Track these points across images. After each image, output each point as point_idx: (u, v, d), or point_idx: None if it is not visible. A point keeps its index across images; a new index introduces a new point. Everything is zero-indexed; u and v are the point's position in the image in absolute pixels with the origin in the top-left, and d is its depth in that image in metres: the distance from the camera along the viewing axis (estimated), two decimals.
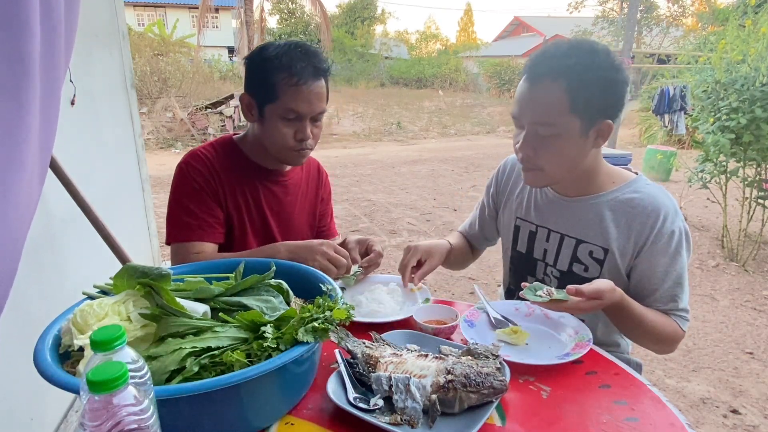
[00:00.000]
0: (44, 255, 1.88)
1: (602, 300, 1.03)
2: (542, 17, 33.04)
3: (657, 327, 1.14)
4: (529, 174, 1.19)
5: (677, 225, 1.15)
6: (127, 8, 11.18)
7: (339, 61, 22.92)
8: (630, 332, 1.20)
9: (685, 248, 1.16)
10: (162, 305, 0.83)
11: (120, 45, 2.86)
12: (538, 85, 1.09)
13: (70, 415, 1.99)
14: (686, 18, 21.44)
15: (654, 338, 1.16)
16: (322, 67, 1.27)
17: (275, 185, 1.44)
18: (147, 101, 11.29)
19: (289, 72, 1.22)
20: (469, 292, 3.55)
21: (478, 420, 0.80)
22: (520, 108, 1.13)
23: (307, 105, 1.25)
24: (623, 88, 1.10)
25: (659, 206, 1.15)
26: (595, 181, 1.22)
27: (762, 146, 3.73)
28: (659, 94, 8.44)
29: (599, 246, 1.20)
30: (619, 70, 1.08)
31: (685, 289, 1.18)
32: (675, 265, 1.15)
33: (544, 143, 1.11)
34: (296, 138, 1.28)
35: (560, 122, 1.07)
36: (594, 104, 1.07)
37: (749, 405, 2.33)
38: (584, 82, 1.05)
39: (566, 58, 1.06)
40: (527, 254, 1.35)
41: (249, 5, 15.59)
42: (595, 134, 1.11)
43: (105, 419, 0.52)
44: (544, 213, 1.30)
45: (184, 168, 1.33)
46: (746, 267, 3.97)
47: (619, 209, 1.18)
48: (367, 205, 5.89)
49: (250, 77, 1.30)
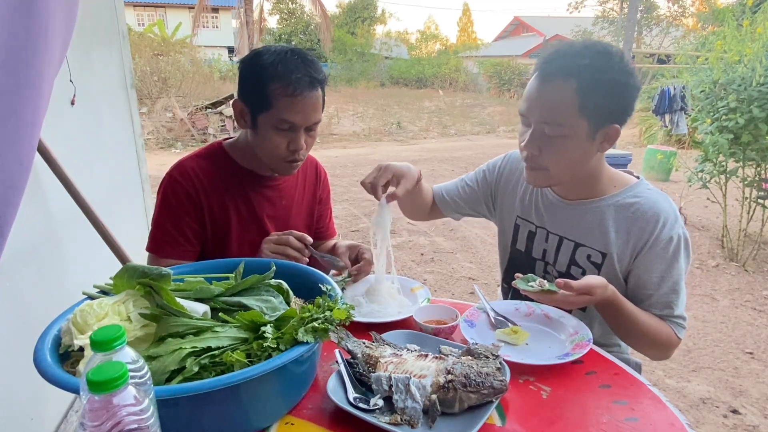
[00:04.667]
0: (44, 255, 1.88)
1: (593, 296, 1.03)
2: (542, 17, 33.05)
3: (651, 330, 1.13)
4: (532, 173, 1.18)
5: (676, 231, 1.14)
6: (127, 8, 11.19)
7: (339, 61, 22.91)
8: (624, 333, 1.19)
9: (683, 255, 1.15)
10: (162, 305, 0.83)
11: (120, 45, 2.86)
12: (548, 84, 1.07)
13: (70, 415, 1.99)
14: (686, 18, 21.45)
15: (648, 341, 1.15)
16: (318, 77, 1.23)
17: (269, 190, 1.42)
18: (147, 101, 11.30)
19: (284, 82, 1.19)
20: (469, 292, 3.56)
21: (478, 420, 0.80)
22: (528, 105, 1.11)
23: (302, 116, 1.23)
24: (634, 94, 1.08)
25: (659, 212, 1.14)
26: (597, 185, 1.21)
27: (761, 146, 3.73)
28: (659, 94, 8.44)
29: (597, 250, 1.20)
30: (631, 74, 1.07)
31: (682, 296, 1.17)
32: (671, 272, 1.14)
33: (550, 143, 1.10)
34: (289, 148, 1.26)
35: (568, 123, 1.06)
36: (604, 107, 1.06)
37: (749, 405, 2.34)
38: (596, 83, 1.03)
39: (579, 58, 1.04)
40: (526, 253, 1.35)
41: (249, 5, 15.60)
42: (602, 138, 1.10)
43: (105, 419, 0.52)
44: (544, 215, 1.29)
45: (167, 185, 1.32)
46: (746, 267, 3.97)
47: (619, 214, 1.17)
48: (367, 205, 5.88)
49: (243, 84, 1.27)
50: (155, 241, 1.33)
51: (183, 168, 1.33)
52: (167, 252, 1.32)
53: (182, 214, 1.31)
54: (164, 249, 1.32)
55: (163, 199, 1.32)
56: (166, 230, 1.31)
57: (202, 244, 1.37)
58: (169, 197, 1.31)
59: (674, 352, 1.20)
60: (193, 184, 1.31)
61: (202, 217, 1.33)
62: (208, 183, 1.33)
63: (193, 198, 1.31)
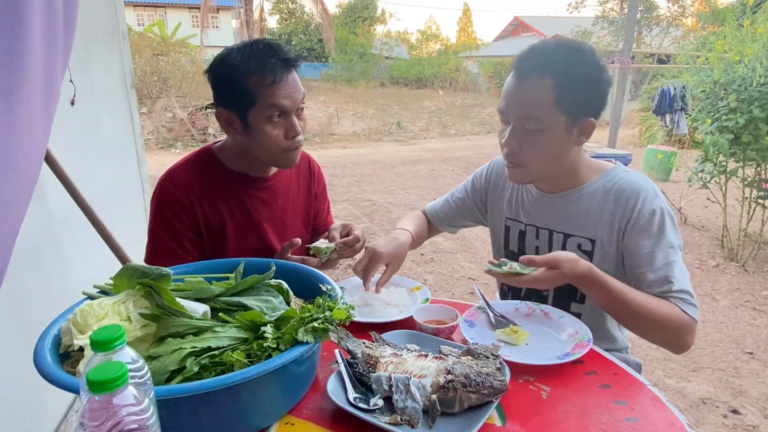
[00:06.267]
0: (44, 255, 1.88)
1: (560, 269, 1.03)
2: (542, 17, 33.01)
3: (649, 309, 1.07)
4: (513, 170, 1.21)
5: (657, 204, 1.15)
6: (127, 8, 11.18)
7: (340, 61, 22.92)
8: (620, 316, 1.13)
9: (669, 227, 1.14)
10: (162, 305, 0.83)
11: (120, 45, 2.86)
12: (525, 81, 1.11)
13: (70, 415, 1.99)
14: (686, 18, 21.44)
15: (650, 323, 1.08)
16: (289, 57, 1.23)
17: (263, 192, 1.40)
18: (147, 101, 11.29)
19: (261, 73, 1.18)
20: (469, 292, 3.56)
21: (478, 420, 0.80)
22: (507, 103, 1.15)
23: (290, 99, 1.23)
24: (606, 88, 1.13)
25: (638, 188, 1.17)
26: (577, 175, 1.24)
27: (761, 146, 3.74)
28: (660, 94, 8.45)
29: (586, 237, 1.22)
30: (603, 70, 1.12)
31: (678, 269, 1.11)
32: (660, 244, 1.12)
33: (529, 138, 1.13)
34: (288, 136, 1.25)
35: (546, 117, 1.10)
36: (579, 101, 1.10)
37: (749, 405, 2.34)
38: (570, 78, 1.07)
39: (554, 54, 1.09)
40: (519, 254, 1.35)
41: (249, 5, 15.60)
42: (578, 131, 1.14)
43: (105, 419, 0.52)
44: (531, 212, 1.32)
45: (159, 195, 1.30)
46: (746, 267, 3.97)
47: (601, 198, 1.20)
48: (367, 205, 5.89)
49: (221, 91, 1.25)
50: (153, 252, 1.31)
51: (174, 177, 1.31)
52: (166, 264, 1.30)
53: (178, 224, 1.29)
54: (164, 261, 1.27)
55: (157, 210, 1.30)
56: (163, 242, 1.30)
57: (201, 253, 1.35)
58: (162, 208, 1.29)
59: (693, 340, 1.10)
60: (186, 194, 1.29)
61: (198, 226, 1.32)
62: (201, 190, 1.31)
63: (186, 207, 1.29)
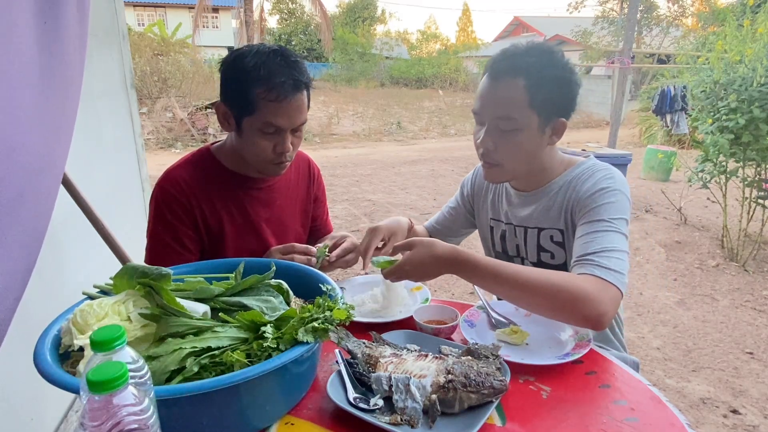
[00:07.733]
0: (44, 255, 1.87)
1: (416, 247, 1.04)
2: (542, 17, 32.99)
3: (538, 280, 0.98)
4: (488, 170, 1.23)
5: (607, 184, 1.13)
6: (127, 8, 11.19)
7: (340, 61, 22.91)
8: (510, 296, 1.05)
9: (612, 204, 1.10)
10: (162, 305, 0.83)
11: (120, 45, 2.86)
12: (499, 82, 1.14)
13: (70, 415, 1.99)
14: (686, 18, 21.43)
15: (544, 296, 0.98)
16: (302, 79, 1.20)
17: (261, 193, 1.40)
18: (147, 101, 11.30)
19: (268, 87, 1.16)
20: (469, 292, 3.55)
21: (478, 420, 0.80)
22: (482, 104, 1.18)
23: (287, 120, 1.21)
24: (576, 89, 1.17)
25: (594, 172, 1.18)
26: (550, 172, 1.26)
27: (761, 146, 3.74)
28: (660, 94, 8.46)
29: (555, 228, 1.24)
30: (573, 72, 1.16)
31: (615, 256, 1.02)
32: (595, 219, 1.09)
33: (504, 137, 1.15)
34: (275, 151, 1.24)
35: (520, 117, 1.12)
36: (551, 101, 1.13)
37: (749, 405, 2.33)
38: (542, 79, 1.11)
39: (526, 56, 1.13)
40: (504, 253, 1.39)
41: (249, 5, 15.58)
42: (550, 131, 1.17)
43: (105, 419, 0.52)
44: (509, 211, 1.35)
45: (158, 196, 1.30)
46: (746, 267, 3.97)
47: (564, 188, 1.22)
48: (367, 205, 5.89)
49: (226, 87, 1.23)
50: (153, 252, 1.31)
51: (172, 177, 1.30)
52: (167, 263, 1.30)
53: (178, 224, 1.29)
54: (164, 260, 1.28)
55: (156, 211, 1.29)
56: (164, 242, 1.29)
57: (201, 252, 1.35)
58: (162, 209, 1.29)
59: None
60: (185, 194, 1.29)
61: (197, 226, 1.32)
62: (199, 191, 1.30)
63: (185, 207, 1.29)
